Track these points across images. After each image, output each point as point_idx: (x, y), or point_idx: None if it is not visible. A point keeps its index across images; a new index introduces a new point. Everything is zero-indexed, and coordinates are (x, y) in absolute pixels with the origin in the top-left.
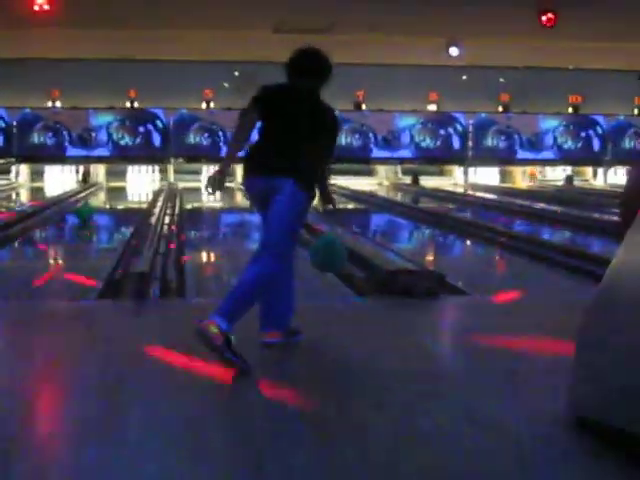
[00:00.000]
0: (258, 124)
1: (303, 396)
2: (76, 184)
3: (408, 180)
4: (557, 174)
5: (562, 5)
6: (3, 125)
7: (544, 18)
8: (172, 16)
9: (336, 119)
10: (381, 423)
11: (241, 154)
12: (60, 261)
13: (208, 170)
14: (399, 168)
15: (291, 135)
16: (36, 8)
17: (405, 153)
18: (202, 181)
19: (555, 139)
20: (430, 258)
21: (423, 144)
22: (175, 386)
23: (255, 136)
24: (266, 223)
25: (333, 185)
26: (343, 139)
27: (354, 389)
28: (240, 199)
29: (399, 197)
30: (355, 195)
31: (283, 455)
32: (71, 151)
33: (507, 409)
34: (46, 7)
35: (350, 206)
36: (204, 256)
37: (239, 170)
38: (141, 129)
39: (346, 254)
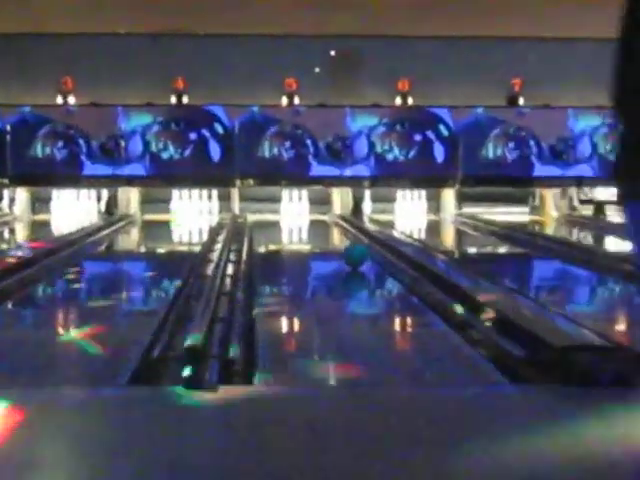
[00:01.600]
0: None
1: None
2: (97, 217)
3: (587, 211)
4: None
5: None
6: None
7: None
8: None
9: None
10: None
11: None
12: (74, 330)
13: (291, 197)
14: (575, 195)
15: None
16: None
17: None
18: (281, 212)
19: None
20: (622, 328)
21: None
22: None
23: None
24: None
25: (475, 218)
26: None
27: None
28: (337, 238)
29: (574, 235)
30: (507, 231)
31: None
32: (90, 168)
33: None
34: None
35: (501, 249)
36: (284, 324)
37: (336, 196)
38: (193, 136)
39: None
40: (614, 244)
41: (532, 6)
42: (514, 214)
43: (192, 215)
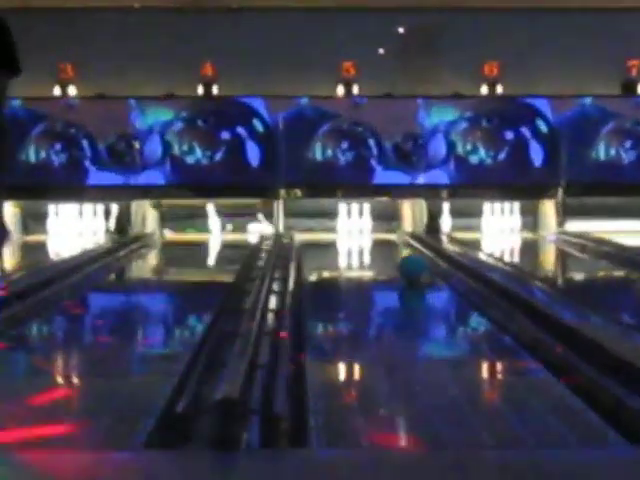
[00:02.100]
0: None
1: None
2: (105, 237)
3: None
4: None
5: None
6: None
7: None
8: None
9: None
10: None
11: None
12: (78, 378)
13: (349, 212)
14: None
15: None
16: None
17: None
18: (338, 231)
19: None
20: None
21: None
22: None
23: None
24: None
25: (583, 236)
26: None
27: None
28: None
29: None
30: (624, 254)
31: None
32: (96, 177)
33: None
34: None
35: (617, 276)
36: (341, 371)
37: (407, 209)
38: (225, 135)
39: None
40: None
41: None
42: (634, 233)
43: (224, 233)
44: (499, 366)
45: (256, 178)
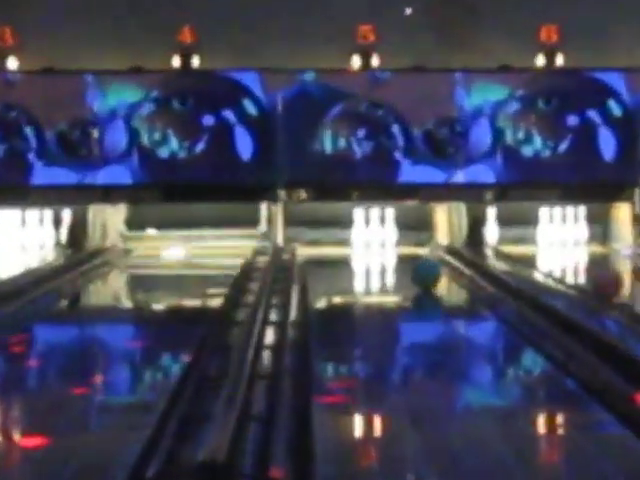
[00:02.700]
0: None
1: None
2: (55, 252)
3: None
4: None
5: None
6: None
7: None
8: None
9: None
10: None
11: None
12: (20, 435)
13: (368, 219)
14: None
15: None
16: None
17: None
18: (353, 244)
19: None
20: None
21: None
22: None
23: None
24: None
25: None
26: None
27: None
28: (444, 283)
29: None
30: None
31: None
32: (43, 174)
33: None
34: None
35: None
36: (358, 423)
37: (441, 216)
38: (208, 120)
39: None
40: None
41: None
42: None
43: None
44: (560, 418)
45: (248, 176)
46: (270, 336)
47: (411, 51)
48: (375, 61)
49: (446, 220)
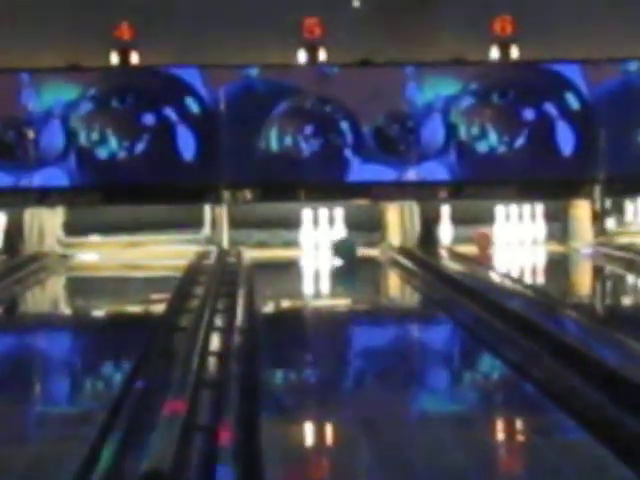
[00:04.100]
0: None
1: None
2: None
3: None
4: None
5: None
6: None
7: None
8: None
9: None
10: None
11: None
12: None
13: (316, 220)
14: None
15: None
16: None
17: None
18: (301, 246)
19: None
20: None
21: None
22: None
23: None
24: None
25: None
26: None
27: None
28: (395, 285)
29: None
30: None
31: None
32: None
33: None
34: None
35: None
36: (308, 434)
37: (393, 217)
38: (149, 119)
39: None
40: None
41: None
42: None
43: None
44: (519, 424)
45: (191, 177)
46: (215, 343)
47: (360, 45)
48: (322, 56)
49: (398, 220)
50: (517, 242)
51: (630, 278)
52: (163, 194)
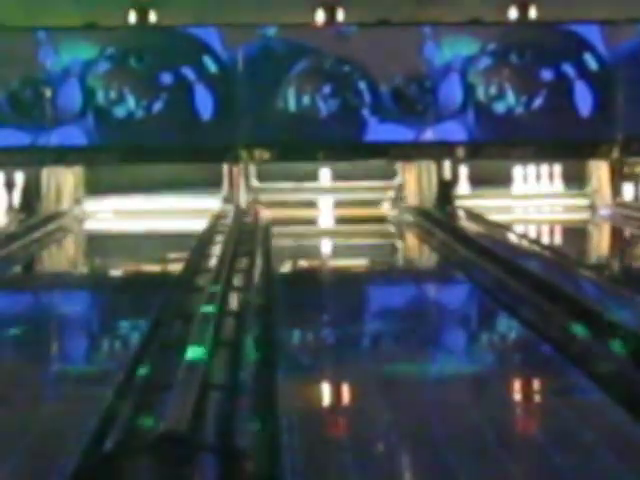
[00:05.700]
0: None
1: None
2: (7, 217)
3: None
4: None
5: None
6: None
7: None
8: None
9: None
10: None
11: None
12: None
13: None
14: None
15: None
16: None
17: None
18: (319, 205)
19: None
20: None
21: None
22: None
23: None
24: None
25: None
26: None
27: None
28: (413, 246)
29: None
30: None
31: None
32: None
33: None
34: None
35: None
36: (325, 392)
37: (410, 177)
38: (166, 78)
39: None
40: None
41: None
42: None
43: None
44: (536, 385)
45: (208, 136)
46: (233, 303)
47: (378, 5)
48: (340, 15)
49: (415, 180)
50: (538, 203)
51: None
52: (181, 153)
